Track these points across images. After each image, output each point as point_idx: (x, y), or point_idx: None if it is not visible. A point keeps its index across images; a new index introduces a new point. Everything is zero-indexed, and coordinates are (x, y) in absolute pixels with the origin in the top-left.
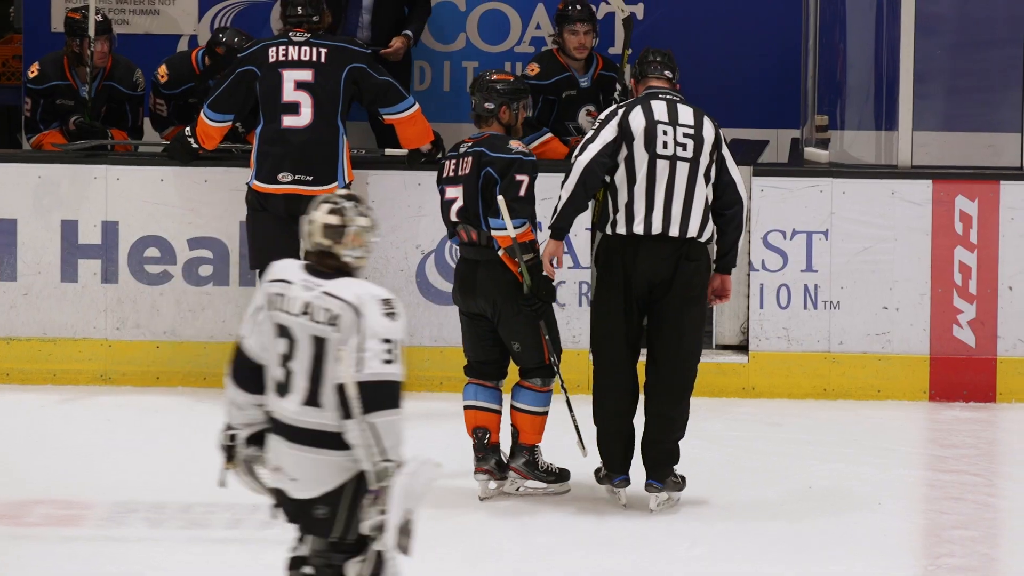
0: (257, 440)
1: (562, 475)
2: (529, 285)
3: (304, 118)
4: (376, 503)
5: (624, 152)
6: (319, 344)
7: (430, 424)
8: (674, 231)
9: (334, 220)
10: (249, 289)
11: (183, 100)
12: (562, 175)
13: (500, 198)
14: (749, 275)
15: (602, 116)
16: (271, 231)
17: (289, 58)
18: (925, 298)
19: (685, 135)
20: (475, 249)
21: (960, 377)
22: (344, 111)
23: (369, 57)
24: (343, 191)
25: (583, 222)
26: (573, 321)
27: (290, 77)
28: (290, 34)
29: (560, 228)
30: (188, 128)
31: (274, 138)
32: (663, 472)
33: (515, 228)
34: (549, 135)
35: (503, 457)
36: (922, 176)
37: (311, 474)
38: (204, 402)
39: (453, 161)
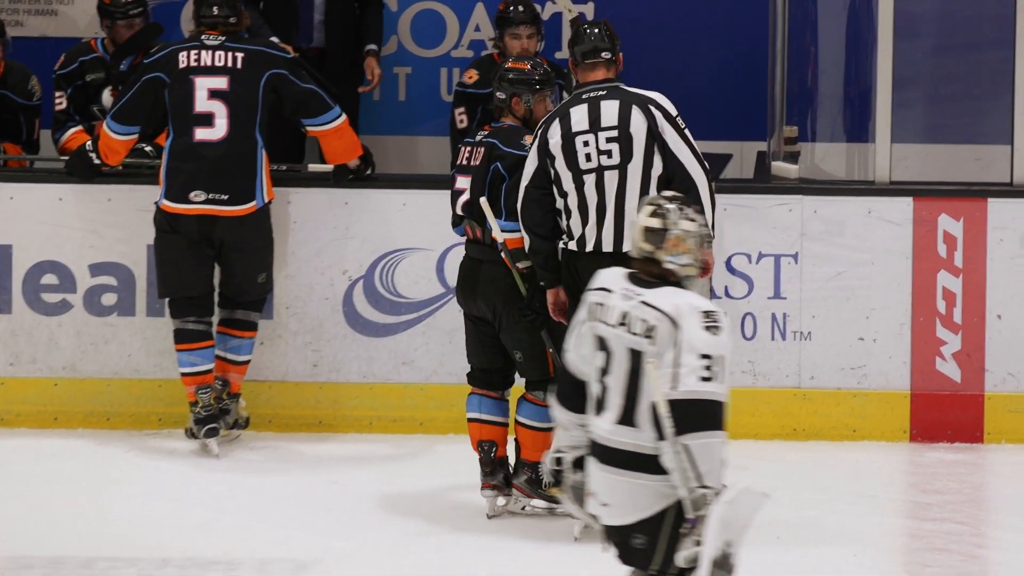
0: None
1: None
2: (524, 294)
3: (219, 130)
4: (693, 533)
5: (552, 173)
6: (635, 358)
7: (360, 468)
8: (607, 247)
9: (655, 223)
10: (158, 320)
11: (80, 78)
12: None
13: (482, 200)
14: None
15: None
16: (182, 255)
17: (202, 63)
18: (905, 328)
19: (609, 139)
20: (479, 247)
21: (944, 415)
22: (263, 122)
23: (291, 62)
24: (670, 192)
25: None
26: None
27: (203, 85)
28: (202, 37)
29: (544, 279)
30: (89, 142)
31: (185, 153)
32: None
33: (516, 232)
34: None
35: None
36: (902, 193)
37: (624, 499)
38: (108, 446)
39: (468, 148)
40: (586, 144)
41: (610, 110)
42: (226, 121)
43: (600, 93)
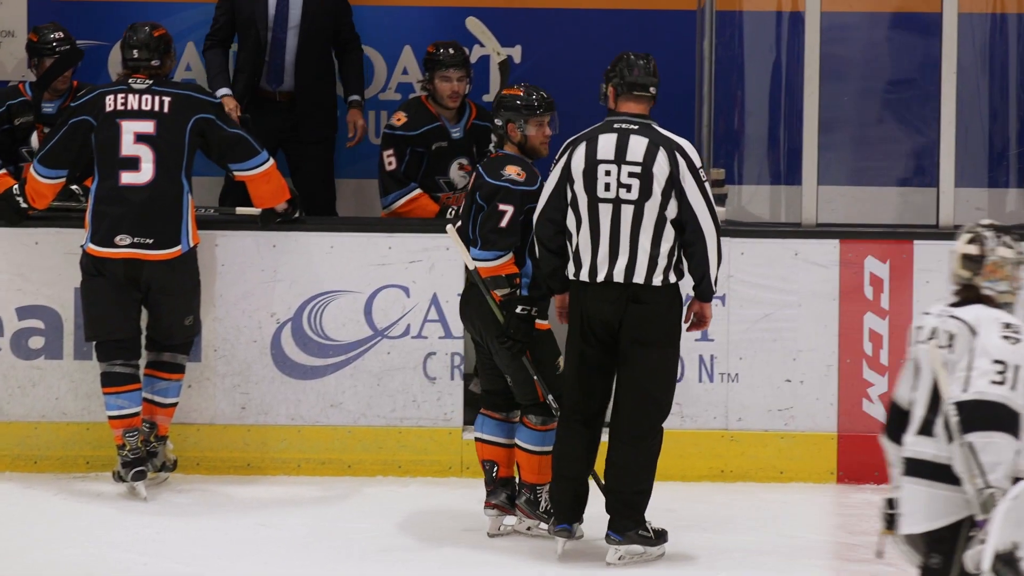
0: None
1: None
2: (501, 322)
3: (145, 174)
4: (980, 535)
5: (570, 195)
6: None
7: (288, 510)
8: (618, 277)
9: (972, 250)
10: (85, 363)
11: (8, 122)
12: (434, 234)
13: (450, 228)
14: None
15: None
16: (108, 299)
17: (128, 107)
18: (832, 370)
19: (631, 174)
20: (473, 272)
21: (871, 456)
22: (189, 166)
23: (218, 107)
24: (987, 220)
25: (442, 288)
26: (444, 396)
27: (129, 129)
28: (130, 81)
29: (553, 287)
30: (16, 186)
31: (111, 196)
32: (622, 524)
33: (488, 260)
34: (418, 191)
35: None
36: (828, 235)
37: (921, 508)
38: (35, 489)
39: (474, 174)
40: (607, 174)
41: (637, 146)
42: (152, 165)
43: (632, 127)
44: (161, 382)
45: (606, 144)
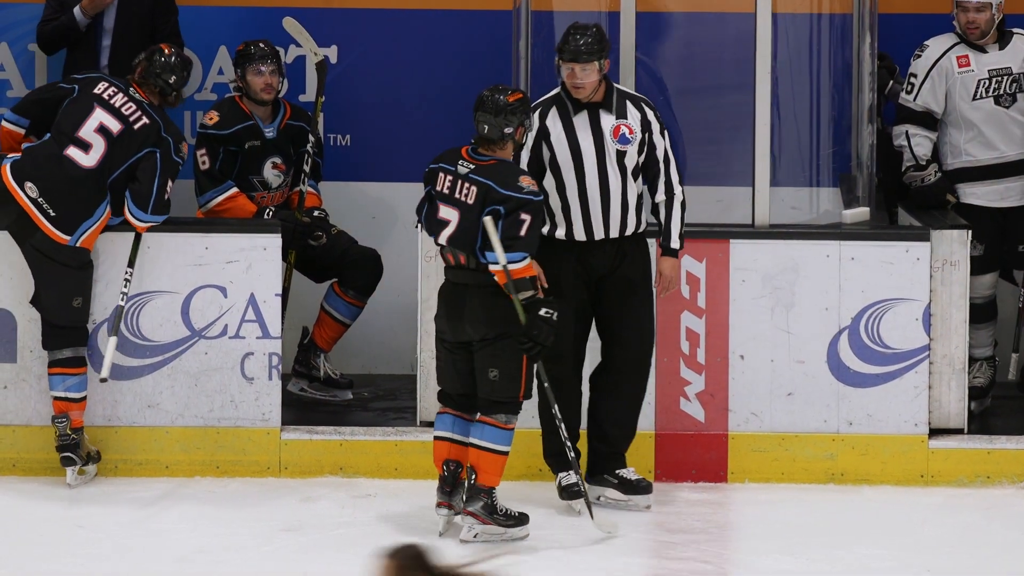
0: None
1: (522, 519)
2: (524, 323)
3: (91, 160)
4: None
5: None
6: None
7: (106, 511)
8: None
9: None
10: None
11: None
12: (251, 235)
13: (487, 219)
14: (421, 346)
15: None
16: None
17: (112, 101)
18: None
19: None
20: (465, 272)
21: (688, 455)
22: (120, 179)
23: (167, 144)
24: None
25: (260, 288)
26: (263, 397)
27: (99, 116)
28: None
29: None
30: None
31: (54, 157)
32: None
33: (514, 263)
34: (234, 190)
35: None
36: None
37: None
38: None
39: (450, 177)
40: None
41: None
42: (100, 156)
43: None
44: (71, 378)
45: None
